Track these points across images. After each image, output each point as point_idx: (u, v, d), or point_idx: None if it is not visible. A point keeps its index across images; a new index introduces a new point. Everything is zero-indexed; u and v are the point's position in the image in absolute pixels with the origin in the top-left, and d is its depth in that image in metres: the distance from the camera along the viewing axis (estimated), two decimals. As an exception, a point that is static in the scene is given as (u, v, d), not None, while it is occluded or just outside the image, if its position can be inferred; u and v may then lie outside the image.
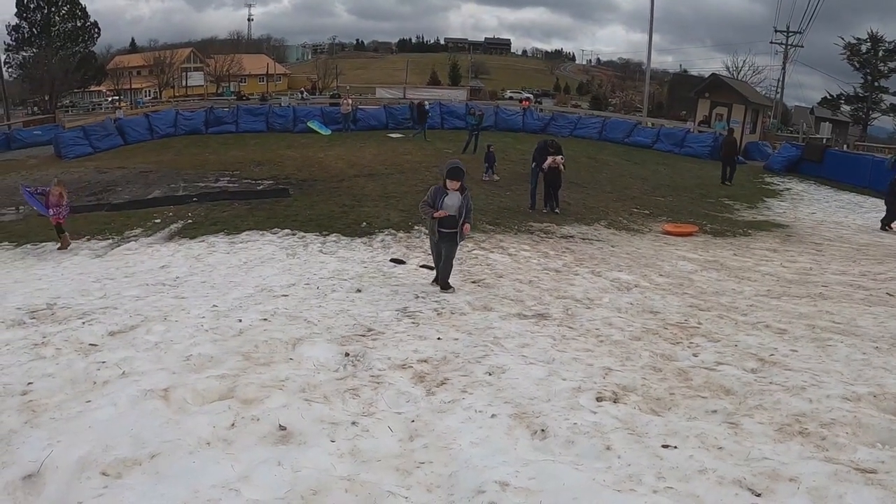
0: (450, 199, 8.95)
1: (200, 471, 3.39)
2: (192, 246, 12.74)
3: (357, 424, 4.04)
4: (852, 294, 9.75)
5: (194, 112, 38.07)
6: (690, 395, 4.79)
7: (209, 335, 6.16)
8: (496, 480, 3.33)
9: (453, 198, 8.96)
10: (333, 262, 11.09)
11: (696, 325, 7.16)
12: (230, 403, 4.28)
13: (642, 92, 51.39)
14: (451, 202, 8.94)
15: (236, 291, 8.77)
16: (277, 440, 3.84)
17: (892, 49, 62.83)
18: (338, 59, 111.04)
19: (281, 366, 5.30)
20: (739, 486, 3.36)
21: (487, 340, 6.31)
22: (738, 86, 51.33)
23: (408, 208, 15.54)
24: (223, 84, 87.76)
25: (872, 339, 6.77)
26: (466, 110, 35.10)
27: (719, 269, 11.57)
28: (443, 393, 4.76)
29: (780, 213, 20.95)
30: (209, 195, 17.57)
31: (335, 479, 3.38)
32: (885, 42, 63.02)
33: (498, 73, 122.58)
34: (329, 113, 38.40)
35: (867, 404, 4.68)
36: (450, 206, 8.94)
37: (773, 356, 5.98)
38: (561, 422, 4.13)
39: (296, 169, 21.07)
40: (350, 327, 6.72)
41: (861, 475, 3.47)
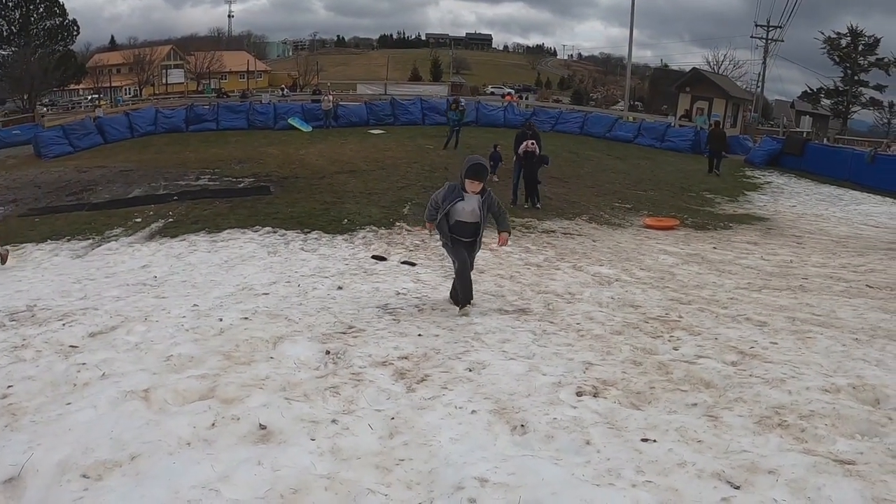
0: (466, 203, 7.47)
1: (181, 471, 3.36)
2: (173, 245, 12.67)
3: (337, 422, 4.02)
4: (832, 286, 9.80)
5: (175, 110, 38.02)
6: (670, 389, 4.80)
7: (190, 335, 6.11)
8: (475, 476, 3.32)
9: (470, 202, 7.47)
10: (315, 259, 11.07)
11: (677, 319, 7.18)
12: (210, 403, 4.25)
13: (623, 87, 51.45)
14: (466, 207, 7.48)
15: (217, 290, 8.73)
16: (258, 439, 3.81)
17: (872, 44, 63.33)
18: (319, 56, 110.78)
19: (261, 365, 5.26)
20: (718, 478, 3.36)
21: (468, 336, 6.30)
22: (718, 80, 51.71)
23: (389, 205, 15.57)
24: (204, 81, 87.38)
25: (852, 331, 6.81)
26: (447, 104, 35.05)
27: (700, 263, 11.61)
28: (423, 389, 4.74)
29: (760, 207, 21.05)
30: (190, 193, 17.49)
31: (315, 478, 3.36)
32: (864, 36, 63.50)
33: (479, 69, 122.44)
34: (310, 110, 38.28)
35: (846, 396, 4.69)
36: (464, 212, 7.51)
37: (754, 349, 6.00)
38: (541, 417, 4.13)
39: (277, 166, 21.03)
40: (331, 325, 6.69)
41: (840, 466, 3.48)
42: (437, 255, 11.30)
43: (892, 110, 65.97)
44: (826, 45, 64.44)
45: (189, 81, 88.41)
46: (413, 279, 9.32)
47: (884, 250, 14.20)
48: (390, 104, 40.02)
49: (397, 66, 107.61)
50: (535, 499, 3.14)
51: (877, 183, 26.39)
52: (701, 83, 48.61)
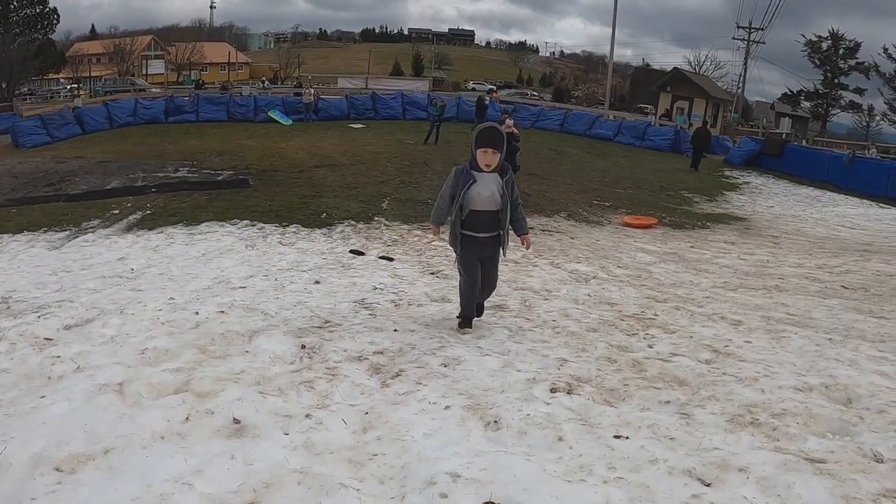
0: (482, 186, 6.06)
1: (154, 465, 3.34)
2: (150, 237, 12.58)
3: (311, 417, 4.00)
4: (808, 286, 9.87)
5: (154, 101, 37.82)
6: (644, 386, 4.82)
7: (165, 328, 6.07)
8: (447, 472, 3.32)
9: (487, 184, 6.05)
10: (293, 253, 11.02)
11: (653, 317, 7.20)
12: (185, 397, 4.23)
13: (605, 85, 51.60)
14: (483, 191, 6.06)
15: (194, 283, 8.67)
16: (231, 433, 3.79)
17: (852, 47, 63.99)
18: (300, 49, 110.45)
19: (237, 358, 5.23)
20: (689, 476, 3.38)
21: (444, 332, 6.30)
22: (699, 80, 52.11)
23: (368, 199, 15.53)
24: (184, 72, 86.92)
25: (826, 331, 6.86)
26: (428, 101, 35.13)
27: (677, 261, 11.66)
28: (397, 384, 4.74)
29: (738, 207, 21.20)
30: (168, 185, 17.39)
31: (288, 472, 3.34)
32: (845, 40, 64.12)
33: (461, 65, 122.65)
34: (290, 103, 38.28)
35: (819, 395, 4.73)
36: (479, 198, 6.08)
37: (728, 347, 6.03)
38: (514, 413, 4.13)
39: (256, 159, 20.94)
40: (307, 319, 6.67)
41: (810, 465, 3.51)
42: (415, 251, 11.30)
43: (871, 114, 66.51)
44: (807, 47, 65.07)
45: (169, 72, 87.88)
46: (390, 274, 9.28)
47: (860, 252, 14.32)
48: (371, 98, 40.05)
49: (379, 61, 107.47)
50: (506, 494, 3.14)
51: (854, 185, 26.67)
52: (682, 83, 48.91)
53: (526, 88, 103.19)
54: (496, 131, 6.15)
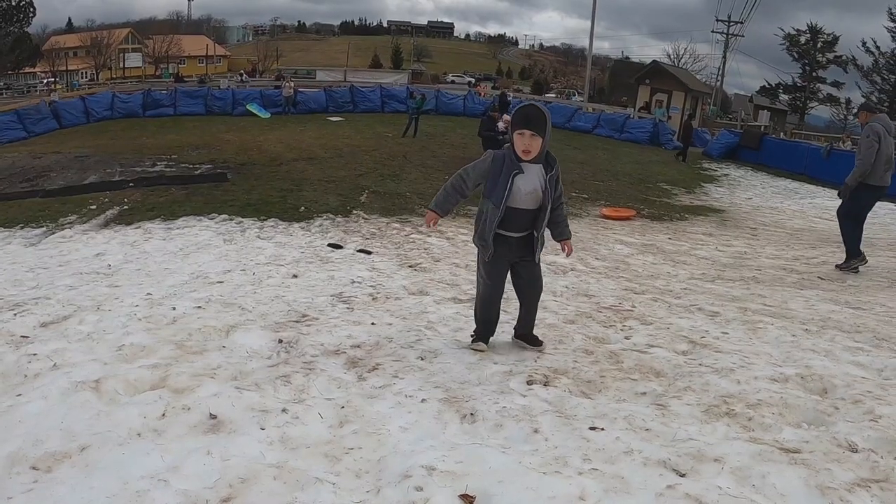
0: (525, 180, 5.03)
1: (130, 462, 3.32)
2: (127, 233, 12.50)
3: (287, 412, 4.00)
4: (785, 278, 9.92)
5: (131, 94, 37.63)
6: (621, 378, 4.83)
7: (142, 324, 6.03)
8: (423, 465, 3.32)
9: (530, 177, 5.04)
10: (271, 247, 10.97)
11: (630, 309, 7.22)
12: (161, 393, 4.21)
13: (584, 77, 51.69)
14: (525, 185, 5.04)
15: (171, 279, 8.62)
16: (208, 429, 3.77)
17: (831, 41, 64.52)
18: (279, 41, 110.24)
19: (213, 354, 5.21)
20: (664, 466, 3.39)
21: (421, 325, 6.30)
22: (678, 73, 52.27)
23: (347, 192, 15.50)
24: (162, 66, 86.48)
25: (802, 322, 6.89)
26: (407, 94, 35.16)
27: (655, 253, 11.70)
28: (374, 378, 4.73)
29: (717, 199, 21.29)
30: (146, 180, 17.25)
31: (264, 467, 3.34)
32: (823, 34, 64.64)
33: (441, 57, 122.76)
34: (269, 96, 38.20)
35: (794, 385, 4.75)
36: (521, 193, 5.05)
37: (705, 338, 6.05)
38: (490, 406, 4.14)
39: (234, 153, 20.84)
40: (284, 313, 6.64)
41: (785, 455, 3.53)
42: (393, 244, 11.27)
43: (848, 107, 67.01)
44: (786, 41, 65.53)
45: (147, 66, 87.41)
46: (368, 267, 9.25)
47: (836, 243, 14.30)
48: (349, 91, 40.00)
49: (358, 53, 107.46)
50: (481, 487, 3.15)
51: (832, 177, 26.74)
52: (660, 76, 49.02)
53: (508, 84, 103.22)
54: (536, 110, 5.01)
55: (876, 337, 6.33)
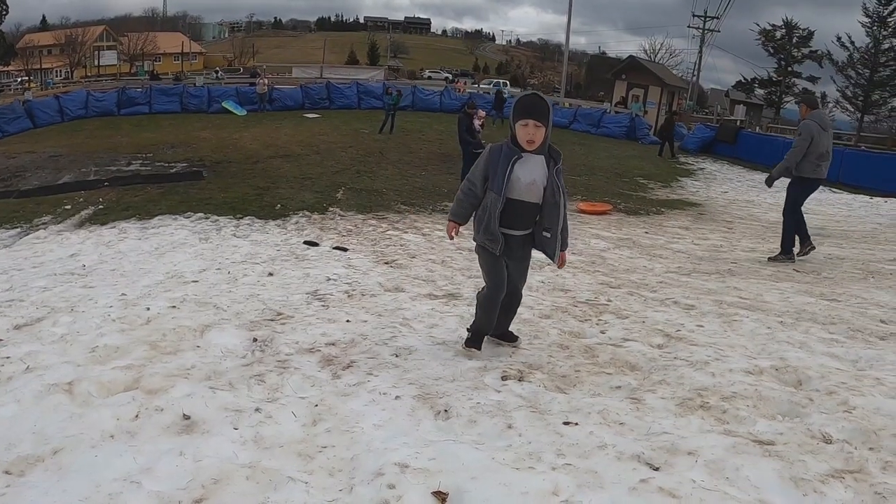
0: (525, 169, 4.85)
1: (103, 464, 3.30)
2: (102, 233, 12.44)
3: (261, 411, 3.97)
4: (760, 270, 9.97)
5: (106, 93, 37.30)
6: (596, 372, 4.83)
7: (116, 325, 5.99)
8: (396, 462, 3.31)
9: (530, 167, 4.86)
10: (246, 245, 10.92)
11: (606, 303, 7.22)
12: (135, 394, 4.17)
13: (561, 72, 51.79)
14: (525, 176, 4.84)
15: (146, 279, 8.55)
16: (181, 430, 3.75)
17: (806, 36, 64.93)
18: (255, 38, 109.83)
19: (188, 354, 5.18)
20: (638, 460, 3.39)
21: (396, 322, 6.28)
22: (654, 68, 52.37)
23: (323, 190, 15.50)
24: (137, 63, 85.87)
25: (777, 314, 6.91)
26: (383, 90, 35.17)
27: (631, 247, 11.73)
28: (348, 376, 4.71)
29: (693, 192, 21.37)
30: (121, 179, 17.23)
31: (237, 467, 3.32)
32: (799, 29, 65.04)
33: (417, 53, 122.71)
34: (244, 93, 38.04)
35: (769, 377, 4.77)
36: (520, 184, 4.84)
37: (680, 332, 6.06)
38: (464, 402, 4.13)
39: (210, 151, 20.84)
40: (259, 312, 6.60)
41: (759, 447, 3.54)
42: (370, 240, 11.24)
43: (824, 101, 67.44)
44: (761, 36, 65.83)
45: (122, 63, 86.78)
46: (344, 264, 9.22)
47: (812, 236, 14.47)
48: (326, 88, 39.93)
49: (335, 50, 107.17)
50: (454, 483, 3.14)
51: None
52: (637, 71, 49.07)
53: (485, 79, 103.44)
54: (538, 99, 4.88)
55: (850, 328, 6.36)
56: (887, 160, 27.29)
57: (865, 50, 60.21)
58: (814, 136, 10.27)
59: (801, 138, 10.40)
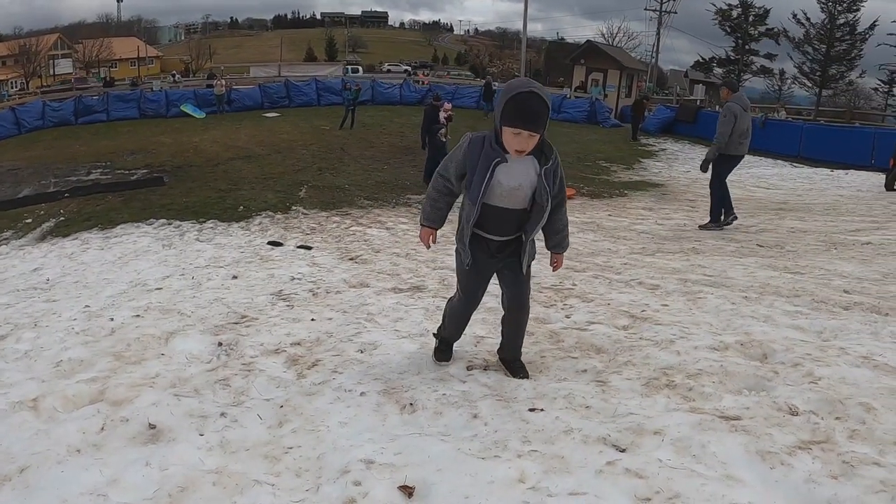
0: (509, 174, 4.01)
1: (70, 479, 3.24)
2: (65, 245, 12.30)
3: (226, 415, 3.93)
4: (724, 247, 10.03)
5: (63, 102, 37.01)
6: (561, 357, 4.83)
7: (80, 338, 5.90)
8: (361, 459, 3.31)
9: (517, 171, 4.02)
10: (210, 249, 10.84)
11: (571, 287, 7.22)
12: (100, 407, 4.11)
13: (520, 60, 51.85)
14: (509, 180, 4.03)
15: (110, 289, 8.46)
16: (147, 439, 3.70)
17: (762, 14, 65.56)
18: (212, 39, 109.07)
19: (152, 362, 5.11)
20: (604, 443, 3.39)
21: (361, 318, 6.24)
22: (613, 52, 52.66)
23: (285, 189, 15.45)
24: (93, 70, 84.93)
25: (742, 289, 6.96)
26: (343, 85, 35.11)
27: (595, 231, 11.77)
28: (314, 375, 4.68)
29: (655, 173, 21.53)
30: (81, 189, 17.06)
31: (203, 474, 3.28)
32: (754, 7, 65.63)
33: (376, 47, 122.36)
34: (203, 95, 37.84)
35: (734, 352, 4.80)
36: (503, 189, 4.05)
37: (645, 312, 6.08)
38: (430, 394, 4.12)
39: (170, 155, 20.73)
40: (224, 316, 6.54)
41: (725, 422, 3.55)
42: (334, 237, 11.21)
43: (782, 78, 68.19)
44: (718, 16, 66.36)
45: (78, 71, 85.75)
46: (308, 263, 9.17)
47: (774, 210, 14.65)
48: (284, 86, 39.80)
49: (292, 47, 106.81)
50: (420, 476, 3.13)
51: (768, 146, 27.40)
52: (595, 55, 49.30)
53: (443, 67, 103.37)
54: (537, 100, 3.78)
55: (814, 300, 6.41)
56: (847, 133, 27.70)
57: (821, 26, 60.97)
58: (737, 116, 11.13)
59: (726, 119, 11.23)
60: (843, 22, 61.06)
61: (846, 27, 61.13)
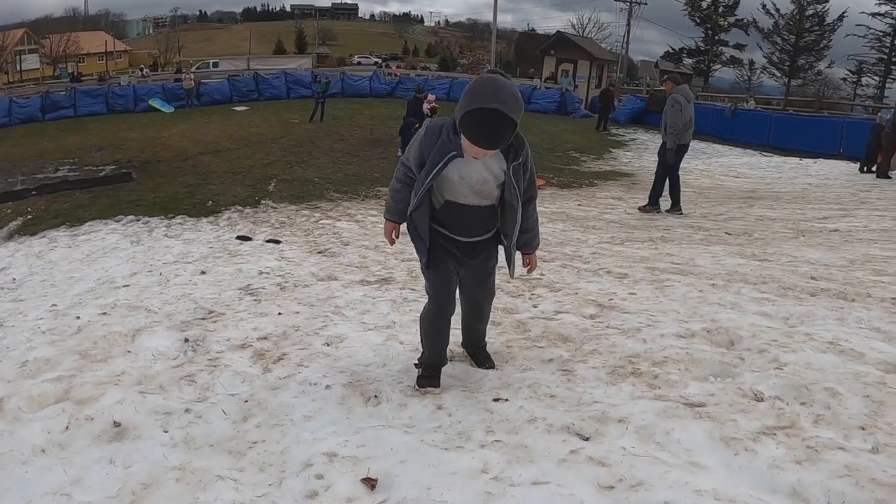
0: (469, 168, 3.67)
1: (34, 480, 3.22)
2: (32, 243, 12.12)
3: (190, 411, 3.90)
4: (692, 235, 10.09)
5: (29, 98, 36.52)
6: (527, 347, 4.83)
7: (46, 337, 5.83)
8: (324, 452, 3.30)
9: (480, 166, 3.66)
10: (178, 245, 10.73)
11: (539, 277, 7.20)
12: (65, 406, 4.07)
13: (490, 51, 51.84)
14: (471, 175, 3.69)
15: (77, 287, 8.37)
16: (111, 437, 3.67)
17: (732, 5, 66.24)
18: (180, 32, 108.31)
19: (118, 360, 5.05)
20: (568, 432, 3.40)
21: (328, 311, 6.21)
22: (583, 42, 52.73)
23: (254, 183, 15.33)
24: (60, 66, 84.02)
25: (709, 277, 7.00)
26: (312, 78, 34.97)
27: (565, 220, 11.78)
28: (279, 369, 4.66)
29: (625, 163, 21.61)
30: (49, 186, 16.79)
31: (167, 471, 3.26)
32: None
33: (346, 39, 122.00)
34: (171, 90, 37.53)
35: (700, 340, 4.82)
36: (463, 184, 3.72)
37: (612, 300, 6.10)
38: (394, 386, 4.12)
39: (138, 151, 20.52)
40: (191, 311, 6.48)
41: (690, 410, 3.57)
42: (303, 231, 11.15)
43: (751, 68, 68.81)
44: (687, 6, 66.91)
45: (45, 67, 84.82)
46: (277, 257, 9.11)
47: (743, 199, 14.75)
48: (254, 79, 39.59)
49: (262, 40, 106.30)
50: (383, 469, 3.13)
51: (737, 136, 27.70)
52: (565, 46, 49.33)
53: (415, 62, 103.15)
54: (503, 121, 3.28)
55: (781, 286, 6.46)
56: (815, 122, 27.96)
57: (791, 16, 61.60)
58: (682, 106, 11.77)
59: (674, 110, 11.90)
60: (812, 13, 61.85)
61: (815, 18, 61.88)
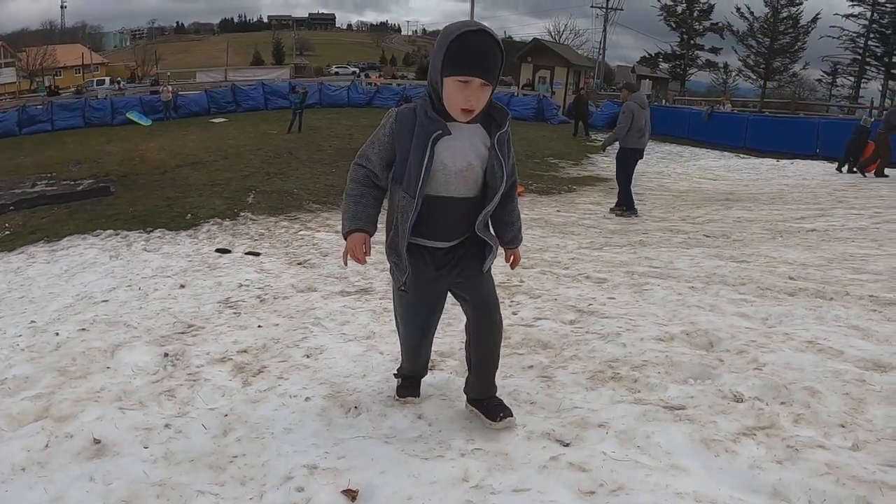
0: (455, 149, 3.14)
1: (14, 500, 3.20)
2: (10, 259, 12.01)
3: (170, 427, 3.87)
4: (671, 238, 10.14)
5: (6, 112, 36.41)
6: (507, 354, 4.81)
7: (25, 354, 5.78)
8: (305, 464, 3.29)
9: (466, 144, 3.17)
10: (157, 259, 10.67)
11: (518, 284, 7.23)
12: (44, 423, 4.03)
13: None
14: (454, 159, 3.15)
15: (56, 303, 8.30)
16: (91, 455, 3.64)
17: (706, 9, 66.85)
18: (157, 44, 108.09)
19: (97, 376, 5.01)
20: (548, 438, 3.41)
21: (308, 322, 6.18)
22: (559, 49, 53.03)
23: (233, 195, 15.26)
24: (37, 79, 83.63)
25: (688, 280, 7.04)
26: (290, 89, 34.98)
27: (544, 226, 11.82)
28: (259, 382, 4.63)
29: (604, 168, 21.66)
30: (26, 202, 16.71)
31: (147, 487, 3.24)
32: (699, 2, 66.84)
33: (323, 49, 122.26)
34: (149, 102, 37.46)
35: (680, 342, 4.85)
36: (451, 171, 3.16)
37: (591, 306, 6.11)
38: (375, 396, 4.12)
39: (116, 164, 20.48)
40: (171, 326, 6.43)
41: (670, 412, 3.59)
42: (282, 242, 11.12)
43: (727, 71, 69.36)
44: (663, 11, 67.42)
45: (21, 80, 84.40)
46: (256, 269, 9.07)
47: (721, 201, 14.85)
48: (231, 91, 39.54)
49: (239, 51, 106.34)
50: (364, 480, 3.12)
51: (714, 138, 27.91)
52: (542, 53, 49.57)
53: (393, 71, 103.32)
54: (488, 40, 3.01)
55: (759, 287, 6.51)
56: (791, 123, 28.22)
57: (765, 19, 62.16)
58: (634, 114, 12.33)
59: (624, 116, 12.61)
60: (786, 15, 62.38)
61: (789, 20, 62.43)
